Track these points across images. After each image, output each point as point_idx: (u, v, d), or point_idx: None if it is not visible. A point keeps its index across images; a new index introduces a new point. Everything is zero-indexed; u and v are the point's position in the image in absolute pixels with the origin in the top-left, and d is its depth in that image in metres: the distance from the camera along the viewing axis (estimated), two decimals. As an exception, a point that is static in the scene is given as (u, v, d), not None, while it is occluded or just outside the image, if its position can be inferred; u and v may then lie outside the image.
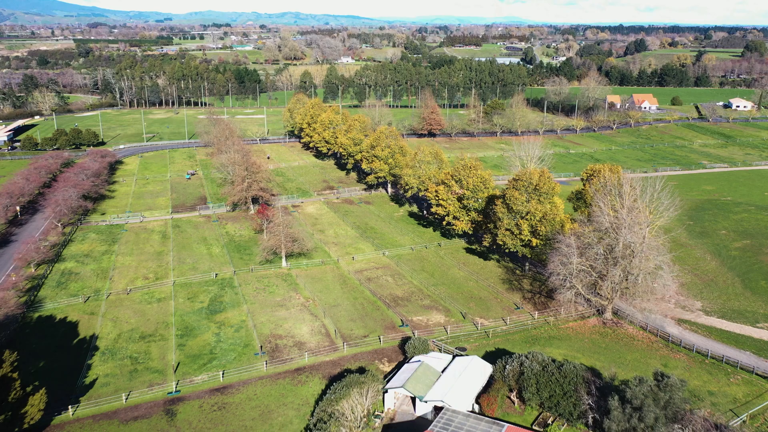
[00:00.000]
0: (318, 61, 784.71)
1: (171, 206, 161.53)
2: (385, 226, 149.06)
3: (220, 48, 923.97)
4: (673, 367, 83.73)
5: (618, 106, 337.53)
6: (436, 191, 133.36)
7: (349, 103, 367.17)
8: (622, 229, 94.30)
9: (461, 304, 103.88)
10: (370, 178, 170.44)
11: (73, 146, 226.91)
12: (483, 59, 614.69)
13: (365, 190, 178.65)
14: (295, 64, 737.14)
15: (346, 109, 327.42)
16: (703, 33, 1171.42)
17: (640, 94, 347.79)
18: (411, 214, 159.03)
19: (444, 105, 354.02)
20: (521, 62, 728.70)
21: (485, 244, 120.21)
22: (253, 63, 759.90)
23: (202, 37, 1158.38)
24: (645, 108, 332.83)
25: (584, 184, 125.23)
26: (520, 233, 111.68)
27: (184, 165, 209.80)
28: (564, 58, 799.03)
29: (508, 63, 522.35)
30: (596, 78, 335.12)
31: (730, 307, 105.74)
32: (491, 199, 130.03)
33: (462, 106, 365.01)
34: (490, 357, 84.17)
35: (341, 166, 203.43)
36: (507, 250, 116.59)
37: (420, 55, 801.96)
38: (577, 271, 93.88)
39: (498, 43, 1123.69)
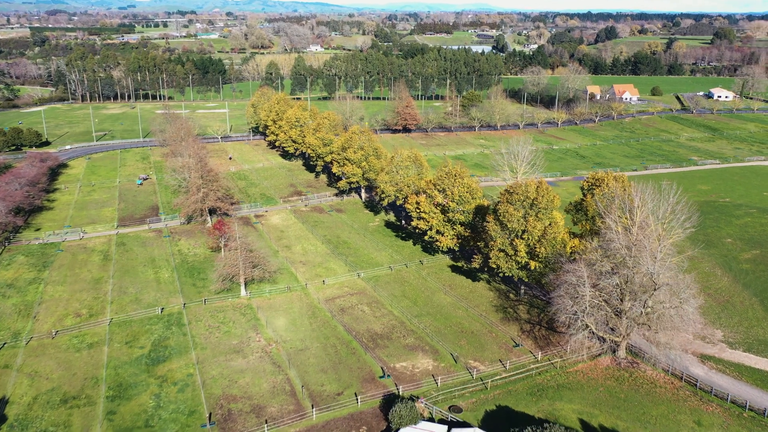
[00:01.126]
0: (286, 49, 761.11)
1: (117, 219, 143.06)
2: (359, 239, 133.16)
3: (184, 36, 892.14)
4: (708, 426, 69.99)
5: (598, 97, 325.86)
6: (416, 203, 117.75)
7: (318, 94, 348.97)
8: (642, 255, 79.94)
9: (451, 342, 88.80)
10: (342, 184, 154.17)
11: (14, 147, 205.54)
12: (455, 47, 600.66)
13: (336, 195, 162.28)
14: (263, 53, 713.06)
15: (315, 103, 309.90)
16: (670, 20, 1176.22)
17: (620, 84, 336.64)
18: (388, 224, 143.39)
19: (418, 96, 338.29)
20: (494, 50, 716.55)
21: (475, 265, 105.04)
22: (218, 52, 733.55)
23: (165, 25, 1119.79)
24: (626, 99, 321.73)
25: (584, 195, 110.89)
26: (516, 254, 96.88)
27: (136, 168, 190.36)
28: (536, 46, 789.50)
29: (482, 51, 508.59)
30: (575, 68, 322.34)
31: (755, 336, 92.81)
32: (479, 210, 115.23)
33: (437, 97, 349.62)
34: (492, 421, 69.24)
35: (310, 167, 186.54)
36: (501, 274, 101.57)
37: (391, 43, 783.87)
38: (590, 306, 79.36)
39: (469, 31, 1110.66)
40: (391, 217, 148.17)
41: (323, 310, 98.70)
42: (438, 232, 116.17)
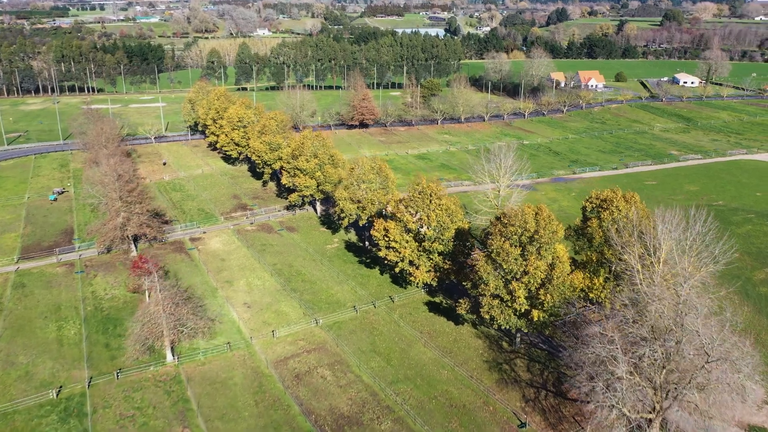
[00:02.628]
0: (232, 34, 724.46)
1: (20, 249, 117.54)
2: (315, 267, 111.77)
3: (122, 20, 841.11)
4: None
5: (563, 85, 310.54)
6: (384, 229, 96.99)
7: (265, 84, 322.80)
8: (688, 317, 61.50)
9: (440, 425, 68.97)
10: (293, 197, 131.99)
11: None
12: (408, 31, 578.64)
13: (288, 209, 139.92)
14: (207, 38, 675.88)
15: (262, 94, 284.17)
16: (617, 1, 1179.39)
17: (586, 71, 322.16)
18: (349, 246, 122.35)
19: (373, 84, 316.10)
20: (447, 33, 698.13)
21: (461, 311, 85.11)
22: (159, 37, 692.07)
23: (102, 8, 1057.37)
24: (592, 86, 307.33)
25: (586, 217, 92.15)
26: (514, 301, 77.52)
27: (51, 179, 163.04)
28: (488, 29, 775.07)
29: (436, 35, 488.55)
30: (538, 53, 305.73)
31: (803, 392, 76.22)
32: (460, 235, 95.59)
33: (394, 85, 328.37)
34: None
35: (257, 173, 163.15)
36: (497, 326, 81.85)
37: (341, 27, 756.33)
38: (628, 390, 60.47)
39: (420, 13, 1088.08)
40: (353, 236, 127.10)
41: (273, 380, 77.39)
42: (411, 263, 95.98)
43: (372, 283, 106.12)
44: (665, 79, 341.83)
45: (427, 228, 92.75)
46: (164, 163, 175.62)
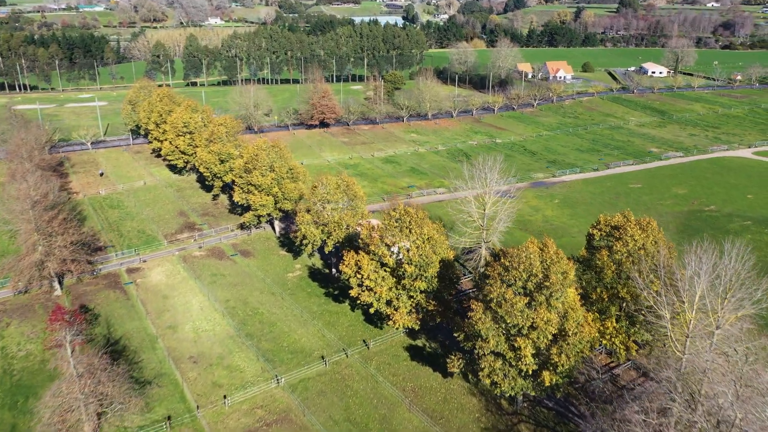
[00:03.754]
0: (182, 23, 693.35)
1: None
2: (275, 304, 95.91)
3: (64, 9, 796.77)
4: None
5: (530, 76, 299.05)
6: (357, 264, 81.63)
7: (217, 78, 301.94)
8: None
9: None
10: (248, 217, 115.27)
11: None
12: (365, 19, 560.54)
13: (242, 228, 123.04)
14: (155, 27, 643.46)
15: (213, 90, 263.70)
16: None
17: (553, 62, 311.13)
18: (313, 273, 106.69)
19: (332, 77, 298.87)
20: (405, 22, 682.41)
21: (453, 370, 70.53)
22: (104, 27, 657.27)
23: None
24: (560, 78, 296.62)
25: (593, 247, 78.68)
26: (519, 360, 63.47)
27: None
28: (446, 16, 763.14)
29: (395, 23, 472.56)
30: (506, 42, 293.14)
31: None
32: (445, 266, 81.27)
33: (355, 78, 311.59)
34: None
35: (207, 185, 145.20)
36: (498, 392, 67.54)
37: (297, 15, 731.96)
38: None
39: (377, 0, 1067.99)
40: (317, 261, 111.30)
41: (224, 472, 61.66)
42: (389, 302, 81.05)
43: (342, 323, 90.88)
44: (632, 68, 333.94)
45: (407, 263, 77.82)
46: (101, 174, 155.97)
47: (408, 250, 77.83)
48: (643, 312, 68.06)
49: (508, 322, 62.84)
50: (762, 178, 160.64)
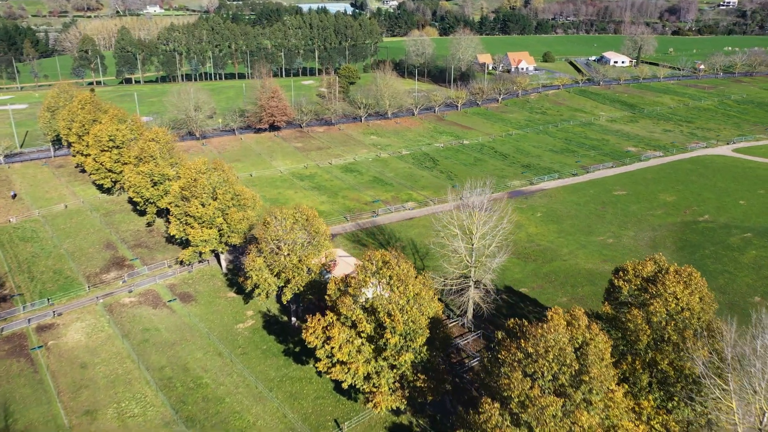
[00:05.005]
0: (118, 12, 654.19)
1: None
2: (223, 370, 77.89)
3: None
4: None
5: (491, 67, 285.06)
6: (324, 333, 64.27)
7: (153, 75, 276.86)
8: None
9: None
10: (187, 254, 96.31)
11: None
12: (313, 6, 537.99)
13: (182, 264, 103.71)
14: (89, 17, 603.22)
15: (150, 88, 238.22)
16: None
17: (515, 52, 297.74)
18: (268, 322, 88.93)
19: (281, 72, 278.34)
20: (354, 9, 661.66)
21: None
22: (33, 17, 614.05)
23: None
24: (523, 69, 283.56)
25: (621, 304, 63.59)
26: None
27: None
28: (396, 2, 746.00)
29: (344, 11, 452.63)
30: (464, 32, 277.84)
31: None
32: (434, 326, 65.16)
33: (306, 72, 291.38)
34: None
35: (140, 209, 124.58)
36: None
37: (241, 2, 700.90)
38: None
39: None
40: (272, 305, 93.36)
41: None
42: (368, 377, 64.34)
43: (307, 394, 73.66)
44: (593, 58, 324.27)
45: (390, 332, 61.09)
46: (13, 196, 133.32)
47: (390, 316, 61.02)
48: (695, 396, 53.44)
49: (537, 431, 46.95)
50: (749, 180, 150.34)
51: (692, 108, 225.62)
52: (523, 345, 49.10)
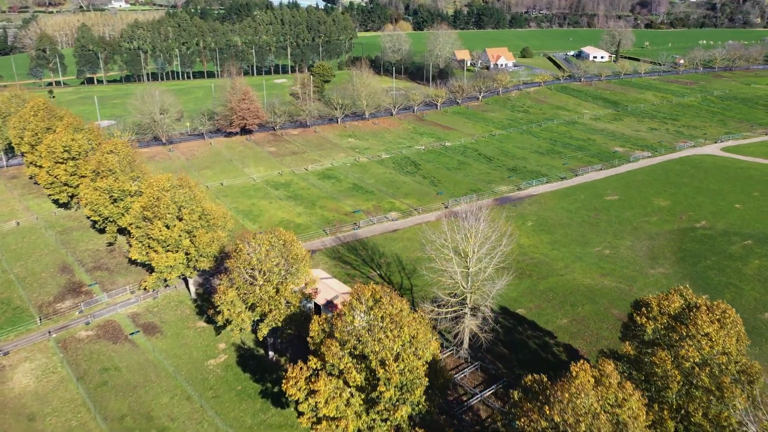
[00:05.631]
0: (82, 6, 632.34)
1: None
2: (192, 417, 68.96)
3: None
4: None
5: (469, 64, 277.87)
6: (308, 383, 55.80)
7: (117, 74, 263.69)
8: None
9: None
10: (151, 280, 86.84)
11: None
12: (284, 1, 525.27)
13: (146, 290, 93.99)
14: (50, 12, 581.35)
15: (113, 88, 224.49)
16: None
17: (493, 48, 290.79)
18: (242, 357, 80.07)
19: (252, 70, 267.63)
20: (326, 4, 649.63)
21: None
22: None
23: None
24: (502, 65, 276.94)
25: (644, 344, 56.30)
26: None
27: None
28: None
29: (316, 5, 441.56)
30: (443, 27, 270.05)
31: None
32: (433, 370, 57.35)
33: (278, 69, 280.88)
34: None
35: (101, 227, 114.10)
36: None
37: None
38: None
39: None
40: (247, 337, 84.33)
41: None
42: (358, 432, 56.11)
43: (288, 445, 65.24)
44: (572, 53, 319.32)
45: (384, 384, 52.91)
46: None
47: (384, 366, 52.83)
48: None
49: None
50: (742, 181, 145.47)
51: (676, 105, 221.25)
52: (547, 412, 41.30)
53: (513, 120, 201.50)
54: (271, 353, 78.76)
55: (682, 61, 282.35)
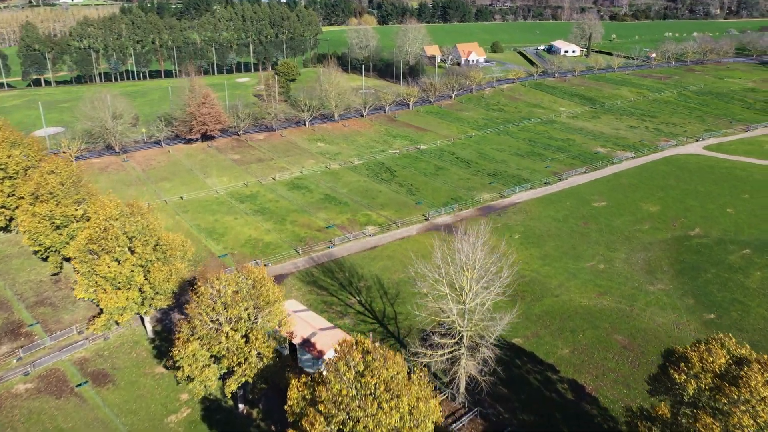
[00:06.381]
0: (31, 2, 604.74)
1: None
2: (150, 493, 58.73)
3: None
4: None
5: (439, 60, 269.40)
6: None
7: (67, 75, 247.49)
8: None
9: None
10: (100, 323, 75.76)
11: None
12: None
13: (95, 331, 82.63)
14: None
15: (61, 90, 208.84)
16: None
17: (464, 44, 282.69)
18: (209, 412, 69.79)
19: (212, 68, 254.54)
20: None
21: None
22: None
23: None
24: (473, 61, 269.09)
25: (682, 404, 48.22)
26: None
27: None
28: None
29: (278, 0, 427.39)
30: (412, 22, 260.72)
31: None
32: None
33: (240, 68, 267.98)
34: None
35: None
36: None
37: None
38: None
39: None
40: (211, 384, 73.69)
41: None
42: None
43: None
44: (542, 47, 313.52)
45: (382, 469, 43.73)
46: None
47: (369, 414, 43.62)
48: None
49: None
50: (729, 182, 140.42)
51: (652, 101, 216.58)
52: None
53: (489, 119, 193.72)
54: (241, 405, 68.83)
55: (654, 55, 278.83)
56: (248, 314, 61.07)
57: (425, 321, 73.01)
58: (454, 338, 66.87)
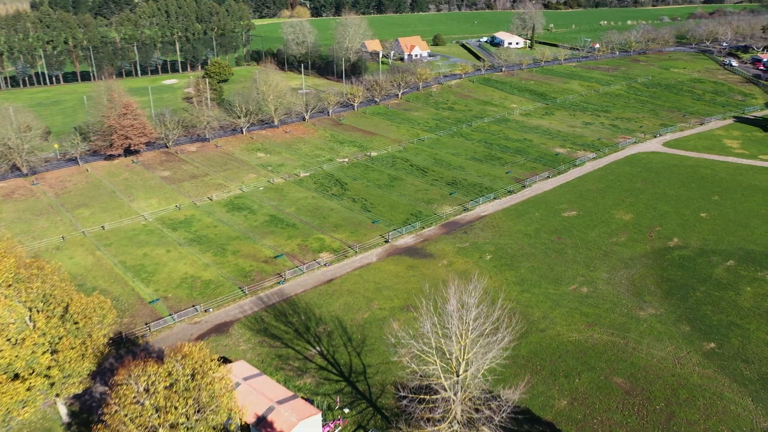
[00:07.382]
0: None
1: None
2: None
3: None
4: None
5: (382, 55, 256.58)
6: None
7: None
8: None
9: None
10: (-4, 418, 59.80)
11: None
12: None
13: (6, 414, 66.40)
14: None
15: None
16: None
17: (406, 38, 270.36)
18: None
19: (135, 69, 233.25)
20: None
21: None
22: None
23: None
24: (417, 56, 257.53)
25: None
26: None
27: None
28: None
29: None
30: (351, 15, 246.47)
31: None
32: None
33: (166, 68, 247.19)
34: None
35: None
36: None
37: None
38: None
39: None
40: (148, 484, 59.27)
41: None
42: None
43: None
44: (485, 39, 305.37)
45: None
46: None
47: None
48: None
49: None
50: (697, 183, 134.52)
51: (603, 94, 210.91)
52: None
53: (439, 120, 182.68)
54: None
55: (597, 46, 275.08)
56: (188, 415, 47.07)
57: (401, 375, 60.87)
58: (445, 419, 54.79)
